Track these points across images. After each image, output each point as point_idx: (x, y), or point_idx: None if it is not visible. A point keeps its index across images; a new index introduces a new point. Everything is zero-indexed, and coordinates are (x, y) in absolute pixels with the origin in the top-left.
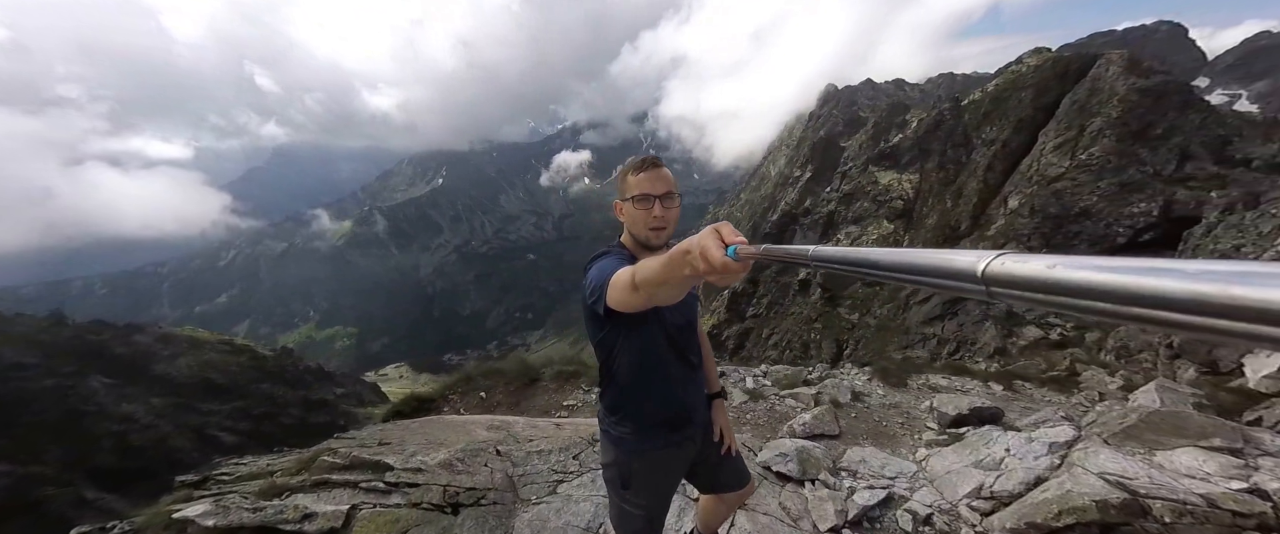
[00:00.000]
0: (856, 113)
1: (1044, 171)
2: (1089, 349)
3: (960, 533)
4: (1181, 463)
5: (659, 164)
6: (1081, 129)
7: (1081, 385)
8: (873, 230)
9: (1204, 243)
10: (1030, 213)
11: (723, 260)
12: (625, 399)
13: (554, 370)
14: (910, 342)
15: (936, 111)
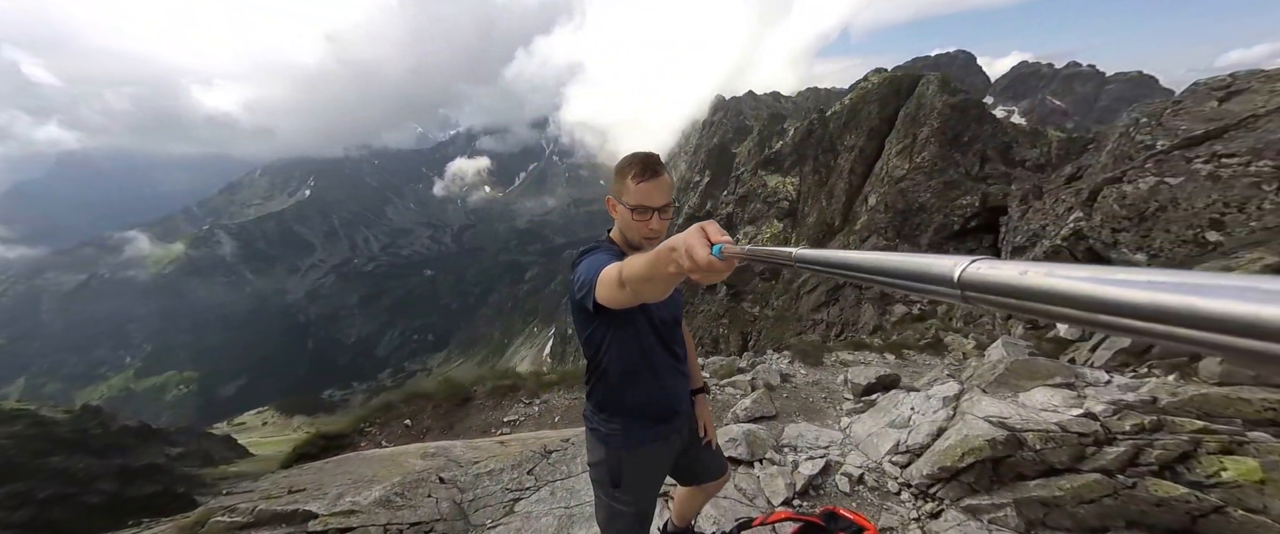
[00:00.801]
0: (743, 121)
1: (892, 173)
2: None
3: (887, 486)
4: (1037, 400)
5: (660, 172)
6: (914, 137)
7: (949, 348)
8: (766, 229)
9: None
10: (885, 209)
11: (707, 259)
12: (615, 395)
13: (489, 386)
14: (803, 327)
15: (808, 122)
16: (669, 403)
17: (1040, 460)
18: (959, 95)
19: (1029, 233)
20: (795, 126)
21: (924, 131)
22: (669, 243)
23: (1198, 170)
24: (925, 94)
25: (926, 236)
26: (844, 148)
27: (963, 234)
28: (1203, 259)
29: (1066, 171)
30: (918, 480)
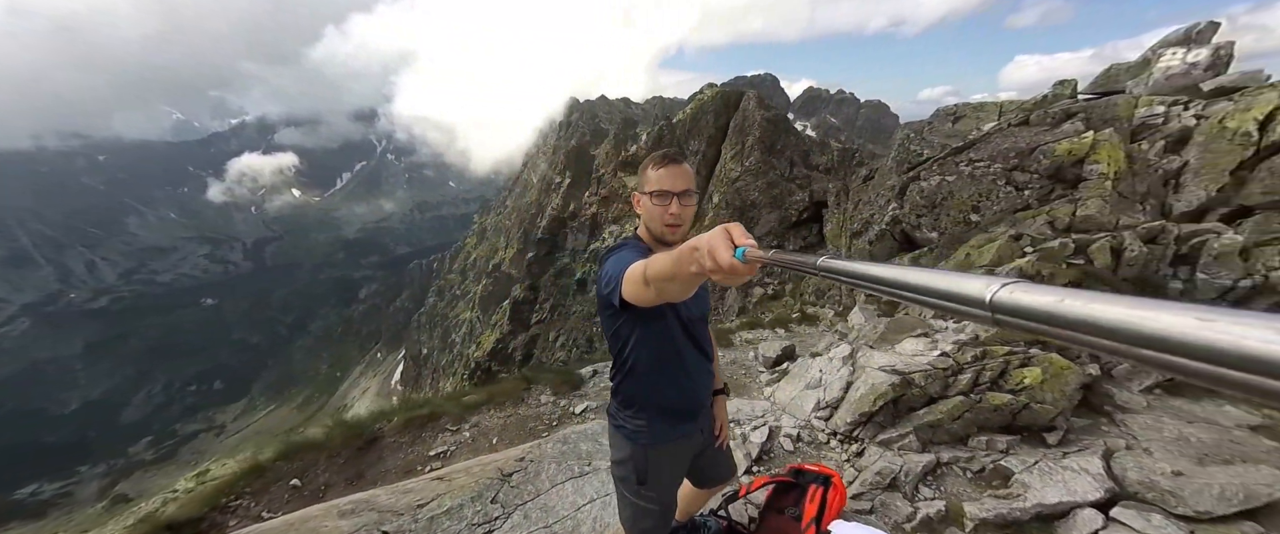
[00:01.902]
0: (599, 124)
1: (729, 175)
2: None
3: (819, 438)
4: (908, 349)
5: (680, 160)
6: (743, 144)
7: (818, 319)
8: (629, 228)
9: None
10: (726, 206)
11: (730, 262)
12: (642, 390)
13: (398, 421)
14: None
15: (658, 128)
16: (696, 400)
17: (924, 394)
18: (771, 111)
19: (862, 220)
20: (647, 131)
21: (749, 140)
22: (692, 243)
23: (963, 171)
24: (747, 108)
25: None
26: (690, 153)
27: (798, 224)
28: (969, 234)
29: (862, 173)
30: (842, 428)
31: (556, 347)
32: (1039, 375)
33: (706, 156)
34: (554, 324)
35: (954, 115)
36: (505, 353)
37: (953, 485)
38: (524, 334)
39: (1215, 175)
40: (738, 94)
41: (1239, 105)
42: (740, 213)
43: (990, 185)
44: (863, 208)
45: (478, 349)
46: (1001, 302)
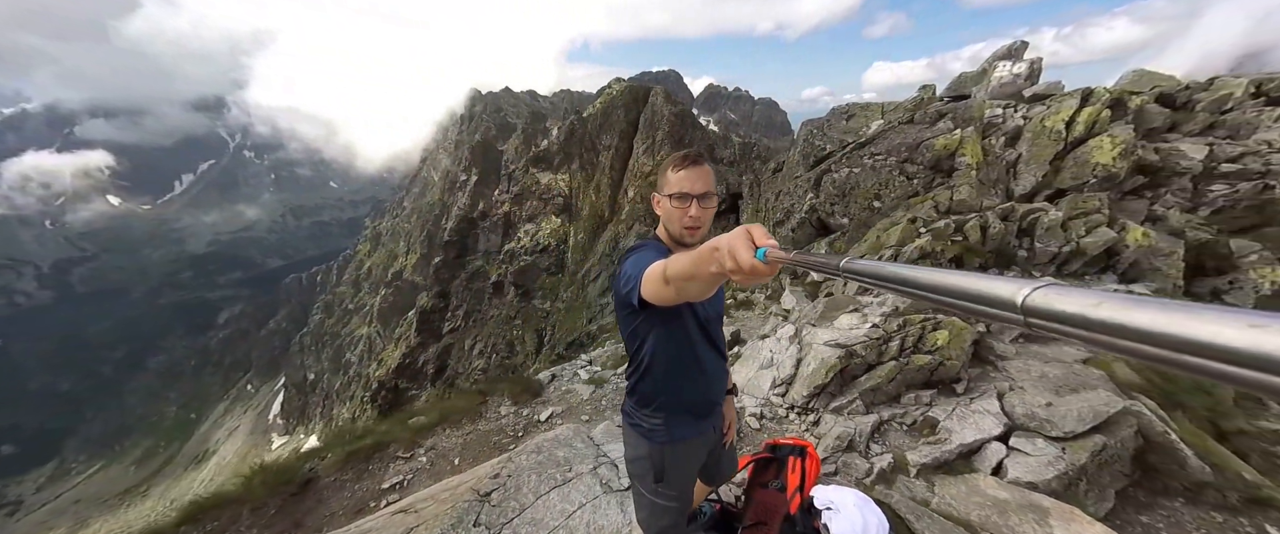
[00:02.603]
0: (505, 118)
1: (642, 169)
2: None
3: (779, 414)
4: (845, 324)
5: (701, 161)
6: (653, 139)
7: (752, 304)
8: (546, 225)
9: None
10: (641, 200)
11: (751, 262)
12: (660, 389)
13: (335, 456)
14: (594, 314)
15: (569, 122)
16: (711, 398)
17: (864, 362)
18: (678, 106)
19: (784, 209)
20: (557, 125)
21: (659, 134)
22: (712, 243)
23: (866, 164)
24: (655, 103)
25: None
26: (603, 147)
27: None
28: (875, 219)
29: (771, 166)
30: (799, 401)
31: (474, 355)
32: (947, 337)
33: (619, 151)
34: (469, 332)
35: (847, 113)
36: (414, 368)
37: (895, 439)
38: (435, 345)
39: (1040, 165)
40: (645, 89)
41: (1051, 109)
42: None
43: (888, 176)
44: (783, 198)
45: (380, 367)
46: (1034, 305)
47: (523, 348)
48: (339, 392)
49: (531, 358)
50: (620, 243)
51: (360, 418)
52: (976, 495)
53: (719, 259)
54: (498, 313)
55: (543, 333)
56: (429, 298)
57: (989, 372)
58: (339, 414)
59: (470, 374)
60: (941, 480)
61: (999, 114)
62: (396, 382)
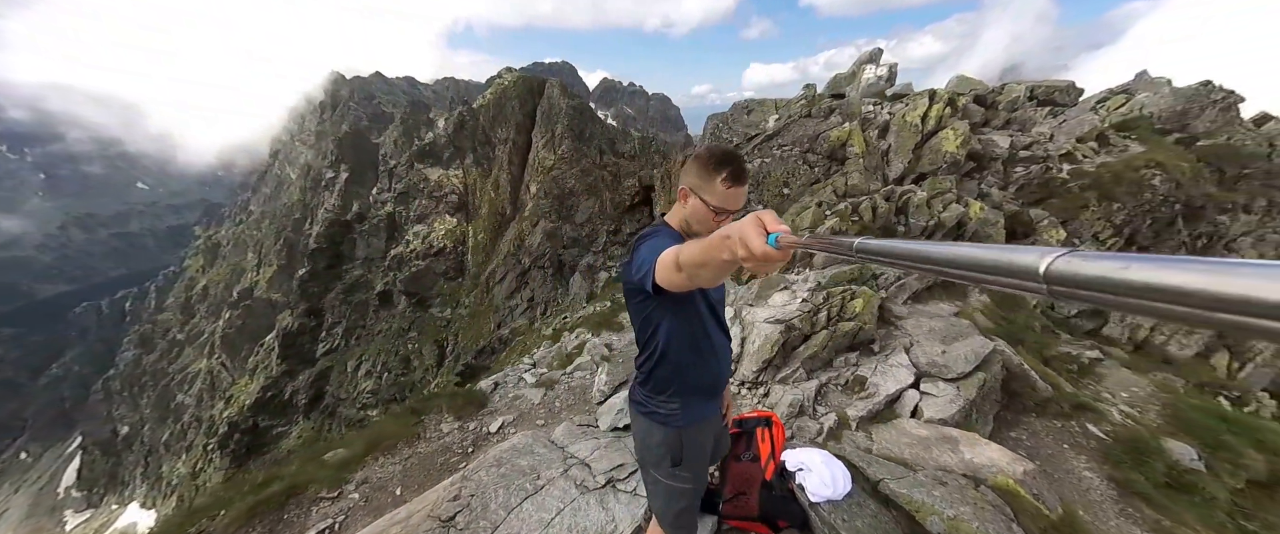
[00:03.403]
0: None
1: (543, 163)
2: None
3: (732, 390)
4: (778, 301)
5: (747, 179)
6: (553, 132)
7: None
8: (439, 226)
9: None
10: (545, 195)
11: (764, 249)
12: (673, 373)
13: (237, 509)
14: (503, 318)
15: (458, 113)
16: (721, 378)
17: (801, 334)
18: (575, 99)
19: None
20: (445, 117)
21: (558, 128)
22: (723, 231)
23: (775, 154)
24: (552, 96)
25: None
26: (498, 140)
27: (632, 208)
28: (786, 205)
29: (679, 158)
30: (749, 377)
31: (360, 377)
32: (861, 304)
33: (517, 145)
34: (352, 351)
35: (748, 108)
36: (280, 401)
37: (834, 399)
38: (308, 371)
39: (905, 153)
40: (540, 81)
41: (909, 107)
42: (559, 201)
43: (794, 165)
44: None
45: (230, 406)
46: (1057, 272)
47: (421, 362)
48: (169, 443)
49: (432, 372)
50: (526, 241)
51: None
52: (904, 436)
53: (731, 247)
54: (387, 326)
55: (444, 344)
56: (294, 317)
57: (892, 331)
58: (172, 471)
59: (357, 399)
60: (876, 429)
61: (872, 110)
62: (255, 420)
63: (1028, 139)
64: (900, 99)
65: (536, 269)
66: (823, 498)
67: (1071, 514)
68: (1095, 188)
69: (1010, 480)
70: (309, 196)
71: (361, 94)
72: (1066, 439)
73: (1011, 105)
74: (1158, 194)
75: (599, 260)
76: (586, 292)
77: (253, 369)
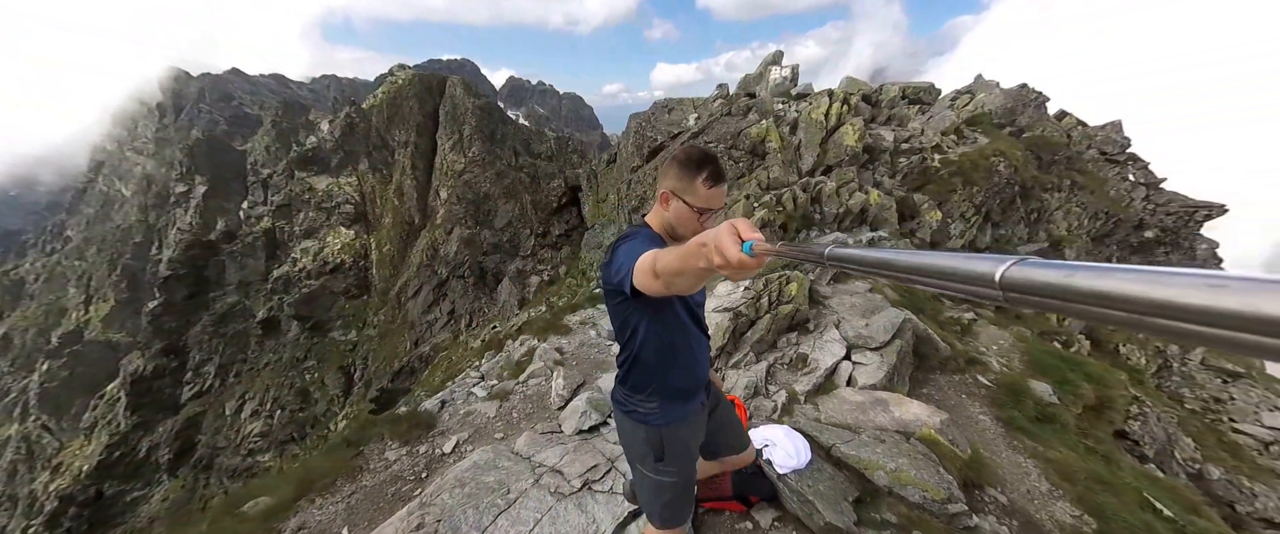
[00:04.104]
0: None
1: (453, 167)
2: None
3: None
4: (723, 291)
5: (726, 178)
6: (461, 133)
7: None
8: (333, 240)
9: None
10: (457, 200)
11: (739, 257)
12: (651, 375)
13: None
14: (421, 334)
15: (345, 115)
16: (699, 379)
17: (748, 319)
18: (482, 98)
19: (638, 197)
20: (330, 120)
21: (466, 129)
22: (699, 238)
23: None
24: (455, 95)
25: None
26: (397, 144)
27: (559, 210)
28: None
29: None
30: None
31: (244, 419)
32: (796, 288)
33: (421, 148)
34: (230, 391)
35: (668, 107)
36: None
37: (782, 377)
38: (169, 422)
39: (814, 148)
40: (440, 79)
41: (813, 105)
42: (475, 206)
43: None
44: (635, 187)
45: (59, 476)
46: (1011, 279)
47: (324, 393)
48: None
49: (339, 402)
50: (441, 251)
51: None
52: (844, 404)
53: (707, 255)
54: (277, 357)
55: (352, 369)
56: (146, 359)
57: (822, 310)
58: None
59: (243, 444)
60: (821, 400)
61: (782, 108)
62: (98, 488)
63: (907, 133)
64: (804, 98)
65: (456, 279)
66: (789, 469)
67: (977, 453)
68: (959, 174)
69: (931, 431)
70: (153, 216)
71: (215, 94)
72: (963, 389)
73: (890, 104)
74: (1002, 178)
75: (529, 265)
76: (517, 298)
77: (90, 427)
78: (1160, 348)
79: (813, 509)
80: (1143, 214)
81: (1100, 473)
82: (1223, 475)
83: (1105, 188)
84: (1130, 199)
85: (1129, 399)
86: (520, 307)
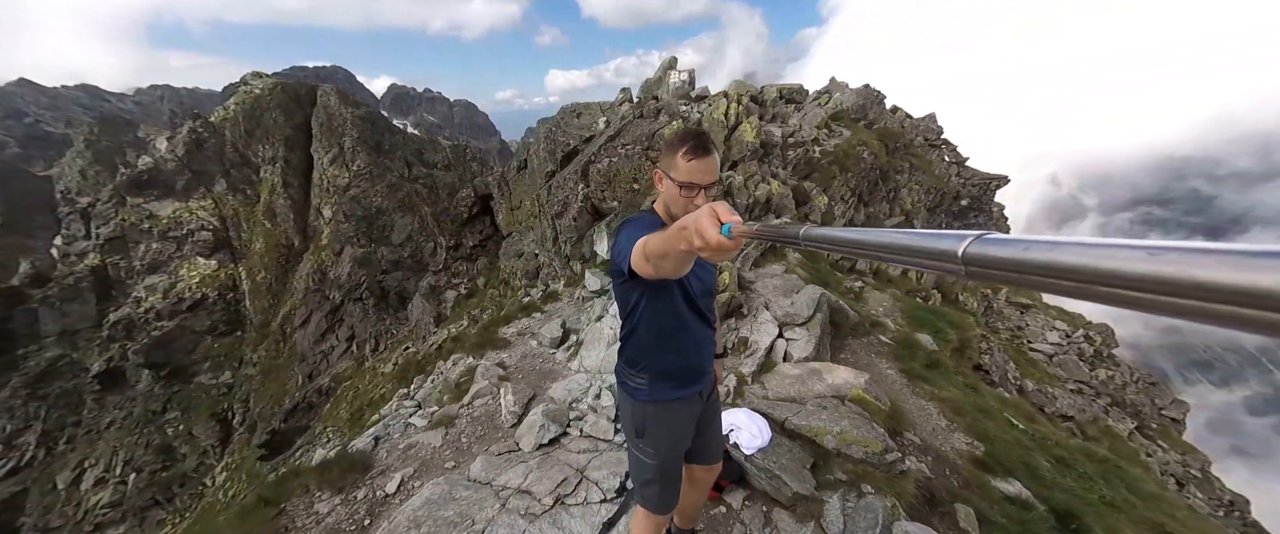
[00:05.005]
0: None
1: (335, 182)
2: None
3: None
4: None
5: (710, 149)
6: (341, 146)
7: (558, 296)
8: (189, 273)
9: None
10: (345, 218)
11: (718, 238)
12: (645, 354)
13: None
14: (315, 366)
15: (190, 130)
16: (696, 367)
17: None
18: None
19: (560, 202)
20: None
21: (347, 141)
22: (681, 222)
23: (621, 153)
24: (329, 105)
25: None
26: (263, 160)
27: (470, 220)
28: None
29: (514, 165)
30: None
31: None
32: (728, 276)
33: (293, 164)
34: (63, 460)
35: (576, 112)
36: None
37: (729, 362)
38: None
39: (719, 145)
40: (310, 88)
41: (713, 106)
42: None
43: (639, 162)
44: (556, 191)
45: None
46: (972, 254)
47: (193, 447)
48: None
49: (215, 453)
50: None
51: None
52: (785, 379)
53: (687, 237)
54: (125, 413)
55: (228, 414)
56: None
57: (751, 295)
58: None
59: (88, 518)
60: (765, 378)
61: (686, 109)
62: None
63: (790, 129)
64: (702, 100)
65: (352, 302)
66: (755, 449)
67: (895, 403)
68: (836, 163)
69: (859, 391)
70: None
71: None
72: (872, 349)
73: (773, 103)
74: (867, 164)
75: (442, 279)
76: (433, 315)
77: None
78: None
79: (780, 483)
80: (958, 187)
81: (979, 403)
82: (1034, 386)
83: (932, 168)
84: (949, 176)
85: (979, 337)
86: (438, 323)
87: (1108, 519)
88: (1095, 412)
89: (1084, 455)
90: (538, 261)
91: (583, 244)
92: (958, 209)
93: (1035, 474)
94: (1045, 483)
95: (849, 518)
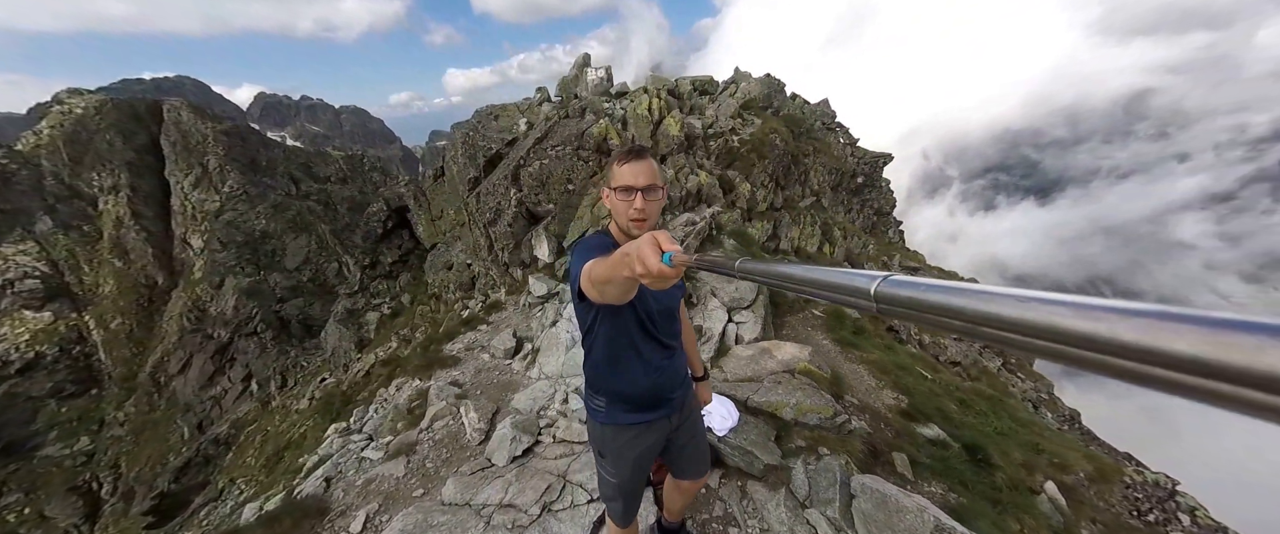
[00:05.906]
0: None
1: (202, 207)
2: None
3: None
4: None
5: (644, 154)
6: (205, 165)
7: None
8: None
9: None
10: (221, 246)
11: (659, 267)
12: (599, 376)
13: None
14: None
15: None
16: (654, 392)
17: None
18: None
19: (492, 209)
20: None
21: (211, 161)
22: (624, 248)
23: (551, 155)
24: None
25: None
26: (100, 190)
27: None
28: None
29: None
30: None
31: None
32: None
33: (142, 191)
34: None
35: (494, 115)
36: None
37: None
38: None
39: (647, 139)
40: (152, 104)
41: (635, 102)
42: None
43: (571, 162)
44: (487, 198)
45: None
46: (882, 293)
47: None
48: None
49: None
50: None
51: None
52: (740, 360)
53: (629, 263)
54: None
55: (93, 485)
56: None
57: (697, 284)
58: None
59: None
60: (723, 361)
61: (609, 106)
62: None
63: (708, 120)
64: (623, 96)
65: (244, 338)
66: (726, 430)
67: (834, 371)
68: (754, 151)
69: (805, 364)
70: None
71: None
72: (808, 323)
73: (689, 96)
74: (780, 150)
75: (360, 301)
76: (353, 340)
77: None
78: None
79: (753, 457)
80: (854, 166)
81: (897, 361)
82: (929, 339)
83: (831, 150)
84: (846, 157)
85: None
86: (360, 349)
87: (1002, 446)
88: (974, 355)
89: (976, 395)
90: (472, 272)
91: (521, 250)
92: (854, 186)
93: (947, 417)
94: (955, 423)
95: (812, 479)
